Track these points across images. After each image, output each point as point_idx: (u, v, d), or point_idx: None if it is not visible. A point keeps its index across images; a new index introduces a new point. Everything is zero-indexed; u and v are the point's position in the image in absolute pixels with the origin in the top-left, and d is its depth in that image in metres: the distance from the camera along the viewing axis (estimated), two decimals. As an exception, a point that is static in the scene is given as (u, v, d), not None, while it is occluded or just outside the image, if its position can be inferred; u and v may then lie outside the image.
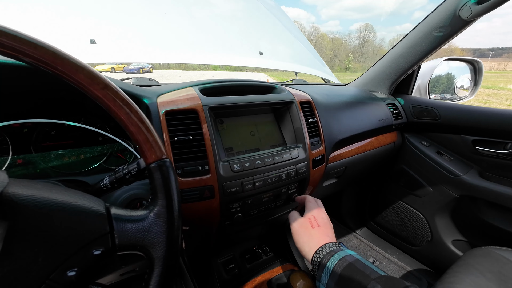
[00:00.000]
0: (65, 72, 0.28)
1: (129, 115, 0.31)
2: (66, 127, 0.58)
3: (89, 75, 0.29)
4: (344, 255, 0.43)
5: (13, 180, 0.26)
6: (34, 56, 0.26)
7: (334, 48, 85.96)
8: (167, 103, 0.57)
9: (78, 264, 0.25)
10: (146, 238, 0.29)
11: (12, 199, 0.24)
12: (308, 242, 0.49)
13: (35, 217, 0.24)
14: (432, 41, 0.96)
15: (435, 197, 1.10)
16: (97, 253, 0.26)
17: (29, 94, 0.52)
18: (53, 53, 0.27)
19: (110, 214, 0.29)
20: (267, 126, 0.72)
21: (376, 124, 1.02)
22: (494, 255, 0.70)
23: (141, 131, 0.31)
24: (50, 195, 0.26)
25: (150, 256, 0.29)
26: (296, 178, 0.69)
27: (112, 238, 0.28)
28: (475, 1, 0.80)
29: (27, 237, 0.23)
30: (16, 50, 0.26)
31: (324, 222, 0.53)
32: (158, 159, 0.32)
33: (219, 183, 0.56)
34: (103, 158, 0.60)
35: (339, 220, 1.54)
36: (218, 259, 0.88)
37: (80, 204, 0.27)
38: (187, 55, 1.05)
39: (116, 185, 0.41)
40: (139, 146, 0.32)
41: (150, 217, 0.30)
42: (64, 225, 0.25)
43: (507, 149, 0.90)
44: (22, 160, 0.52)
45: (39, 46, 0.27)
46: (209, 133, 0.56)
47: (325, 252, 0.45)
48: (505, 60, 75.13)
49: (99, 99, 0.30)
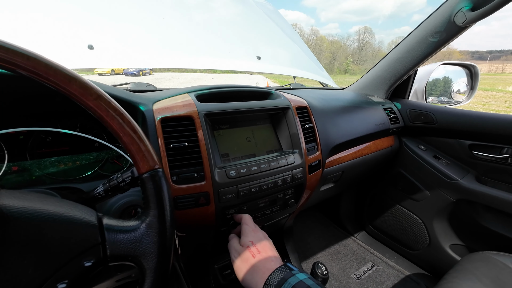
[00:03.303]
0: (57, 82, 0.28)
1: (122, 125, 0.31)
2: (62, 133, 0.58)
3: (81, 86, 0.30)
4: (295, 283, 0.39)
5: (4, 192, 0.26)
6: (26, 68, 0.26)
7: (333, 50, 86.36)
8: (162, 109, 0.57)
9: (68, 276, 0.25)
10: (138, 249, 0.29)
11: (3, 211, 0.24)
12: (253, 277, 0.44)
13: (26, 228, 0.24)
14: (428, 46, 0.97)
15: (432, 201, 1.10)
16: (88, 264, 0.26)
17: (25, 100, 0.52)
18: (45, 64, 0.28)
19: (102, 224, 0.29)
20: (263, 132, 0.72)
21: (373, 129, 1.03)
22: (491, 260, 0.70)
23: (134, 141, 0.31)
24: (41, 206, 0.27)
25: (142, 267, 0.29)
26: (292, 184, 0.69)
27: (104, 249, 0.28)
28: (469, 8, 0.81)
29: (18, 249, 0.24)
30: (9, 62, 0.26)
31: (263, 245, 0.49)
32: (151, 169, 0.32)
33: (214, 190, 0.56)
34: (99, 165, 0.60)
35: (338, 223, 1.54)
36: (215, 264, 0.87)
37: (71, 215, 0.27)
38: (187, 60, 1.06)
39: (111, 193, 0.41)
40: (132, 156, 0.32)
41: (142, 227, 0.30)
42: (55, 236, 0.25)
43: (503, 154, 0.91)
44: (17, 167, 0.52)
45: (31, 57, 0.27)
46: (204, 139, 0.57)
47: (276, 282, 0.40)
48: (503, 62, 75.54)
49: (92, 109, 0.30)
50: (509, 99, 12.69)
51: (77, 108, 0.57)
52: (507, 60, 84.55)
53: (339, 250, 1.37)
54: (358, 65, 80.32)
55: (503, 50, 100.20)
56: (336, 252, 1.36)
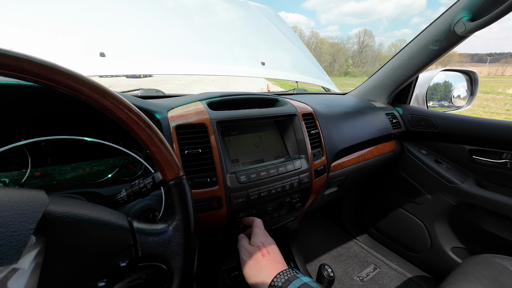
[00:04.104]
0: (94, 98, 0.31)
1: (151, 137, 0.34)
2: (79, 139, 0.61)
3: (115, 100, 0.32)
4: (299, 285, 0.41)
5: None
6: (69, 85, 0.29)
7: (333, 53, 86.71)
8: (177, 117, 0.60)
9: (107, 275, 0.28)
10: (167, 251, 0.31)
11: (50, 216, 0.26)
12: (260, 274, 0.46)
13: (70, 232, 0.27)
14: (429, 54, 1.00)
15: (434, 205, 1.13)
16: (123, 264, 0.29)
17: (49, 110, 0.55)
18: (83, 81, 0.31)
19: (133, 227, 0.32)
20: (271, 138, 0.75)
21: (376, 134, 1.05)
22: (492, 262, 0.72)
23: (161, 151, 0.34)
24: (80, 211, 0.29)
25: (170, 267, 0.32)
26: (299, 188, 0.72)
27: (136, 250, 0.31)
28: (468, 18, 0.84)
29: (64, 251, 0.26)
30: (52, 80, 0.29)
31: (272, 248, 0.51)
32: (176, 177, 0.35)
33: (226, 194, 0.59)
34: (115, 170, 0.62)
35: (340, 226, 1.56)
36: (223, 266, 0.89)
37: (107, 219, 0.30)
38: (195, 67, 1.09)
39: (132, 198, 0.43)
40: (158, 164, 0.34)
41: (169, 230, 0.32)
42: (95, 239, 0.28)
43: (502, 159, 0.93)
44: (39, 172, 0.54)
45: (71, 76, 0.30)
46: (217, 146, 0.59)
47: (280, 283, 0.42)
48: (503, 65, 75.79)
49: (123, 121, 0.33)
50: (509, 101, 12.74)
51: (94, 117, 0.60)
52: (507, 62, 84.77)
53: (342, 252, 1.39)
54: (358, 67, 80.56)
55: (503, 53, 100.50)
56: (339, 255, 1.38)
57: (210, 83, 15.05)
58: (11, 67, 0.26)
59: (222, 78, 15.19)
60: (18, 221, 0.22)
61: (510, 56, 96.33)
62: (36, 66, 0.27)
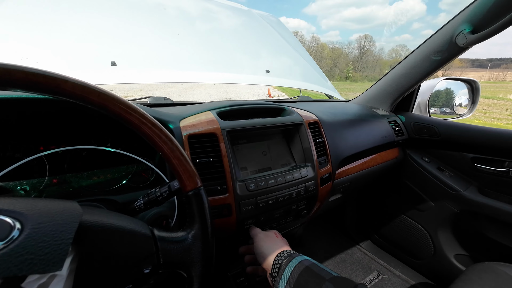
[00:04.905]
0: (120, 114, 0.33)
1: (173, 150, 0.36)
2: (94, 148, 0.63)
3: (140, 115, 0.35)
4: (302, 260, 0.48)
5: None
6: (99, 104, 0.31)
7: (334, 57, 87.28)
8: (189, 127, 0.62)
9: (132, 281, 0.30)
10: (187, 258, 0.33)
11: (82, 224, 0.28)
12: (272, 246, 0.54)
13: (100, 240, 0.29)
14: (431, 64, 1.02)
15: (436, 212, 1.14)
16: (147, 271, 0.31)
17: (66, 121, 0.57)
18: (112, 98, 0.33)
19: (154, 235, 0.34)
20: (278, 146, 0.77)
21: (379, 141, 1.07)
22: (496, 270, 0.73)
23: (182, 163, 0.36)
24: (107, 220, 0.31)
25: (190, 274, 0.33)
26: (306, 196, 0.74)
27: (158, 257, 0.32)
28: (470, 30, 0.86)
29: (94, 258, 0.28)
30: (85, 99, 0.31)
31: (283, 238, 0.60)
32: (195, 187, 0.37)
33: (236, 202, 0.61)
34: (128, 177, 0.64)
35: (343, 232, 1.57)
36: (229, 272, 0.91)
37: (132, 227, 0.32)
38: (200, 74, 1.11)
39: (149, 206, 0.45)
40: (179, 176, 0.37)
41: (189, 238, 0.34)
42: (122, 247, 0.30)
43: (504, 167, 0.95)
44: (57, 180, 0.56)
45: (102, 94, 0.32)
46: (227, 155, 0.61)
47: (286, 255, 0.50)
48: (504, 70, 75.98)
49: (147, 135, 0.35)
50: (510, 107, 12.75)
51: (108, 127, 0.63)
52: (508, 68, 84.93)
53: (345, 259, 1.40)
54: (358, 72, 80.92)
55: (503, 58, 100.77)
56: (342, 261, 1.38)
57: (212, 87, 15.15)
58: (49, 88, 0.28)
59: (224, 82, 15.26)
60: (59, 231, 0.24)
61: (510, 61, 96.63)
62: (70, 86, 0.30)
